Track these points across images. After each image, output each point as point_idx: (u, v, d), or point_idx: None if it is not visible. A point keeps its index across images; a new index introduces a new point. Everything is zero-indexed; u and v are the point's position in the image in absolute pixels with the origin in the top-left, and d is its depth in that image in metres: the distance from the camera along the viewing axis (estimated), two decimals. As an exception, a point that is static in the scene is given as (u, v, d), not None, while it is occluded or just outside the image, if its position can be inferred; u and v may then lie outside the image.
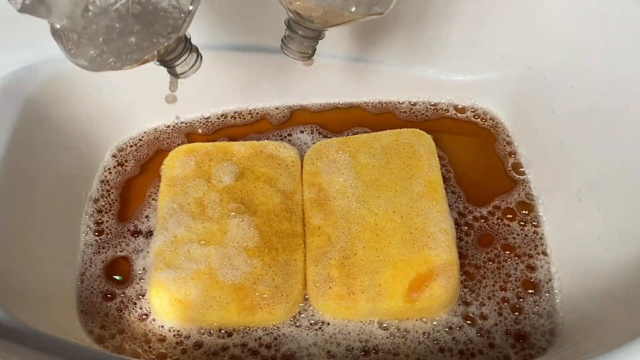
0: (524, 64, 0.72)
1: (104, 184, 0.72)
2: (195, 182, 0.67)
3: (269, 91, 0.78)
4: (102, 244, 0.67)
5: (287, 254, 0.63)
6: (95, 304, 0.63)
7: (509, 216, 0.68)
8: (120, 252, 0.67)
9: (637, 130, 0.58)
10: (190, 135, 0.77)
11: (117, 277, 0.65)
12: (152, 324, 0.62)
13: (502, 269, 0.64)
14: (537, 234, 0.66)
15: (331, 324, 0.61)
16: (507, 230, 0.67)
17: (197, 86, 0.76)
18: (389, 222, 0.63)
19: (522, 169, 0.72)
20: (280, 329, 0.61)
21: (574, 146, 0.66)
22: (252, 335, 0.60)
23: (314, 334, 0.60)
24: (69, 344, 0.49)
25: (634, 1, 0.60)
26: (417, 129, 0.71)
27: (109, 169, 0.74)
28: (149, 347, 0.60)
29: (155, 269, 0.62)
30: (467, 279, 0.64)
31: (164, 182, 0.68)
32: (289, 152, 0.70)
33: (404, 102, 0.79)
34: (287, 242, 0.64)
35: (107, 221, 0.69)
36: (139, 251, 0.67)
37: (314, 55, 0.61)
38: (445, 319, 0.61)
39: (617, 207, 0.59)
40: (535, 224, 0.67)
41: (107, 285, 0.65)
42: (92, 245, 0.67)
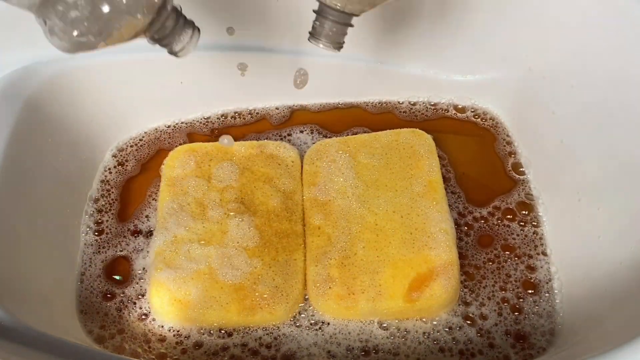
0: (524, 64, 0.72)
1: (104, 183, 0.72)
2: (195, 182, 0.67)
3: (269, 91, 0.78)
4: (102, 244, 0.67)
5: (287, 254, 0.63)
6: (95, 304, 0.63)
7: (509, 216, 0.68)
8: (120, 252, 0.67)
9: (637, 130, 0.58)
10: (190, 135, 0.77)
11: (117, 277, 0.65)
12: (152, 323, 0.62)
13: (502, 269, 0.64)
14: (537, 234, 0.66)
15: (331, 324, 0.61)
16: (507, 230, 0.67)
17: (197, 86, 0.77)
18: (389, 222, 0.63)
19: (522, 169, 0.72)
20: (280, 329, 0.61)
21: (574, 146, 0.66)
22: (252, 335, 0.60)
23: (314, 334, 0.60)
24: (69, 344, 0.49)
25: (634, 1, 0.60)
26: (417, 129, 0.71)
27: (109, 169, 0.74)
28: (149, 347, 0.60)
29: (155, 269, 0.62)
30: (467, 279, 0.64)
31: (164, 182, 0.68)
32: (289, 152, 0.70)
33: (404, 102, 0.79)
34: (287, 242, 0.64)
35: (107, 221, 0.69)
36: (139, 251, 0.67)
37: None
38: (445, 319, 0.61)
39: (616, 207, 0.59)
40: (535, 224, 0.67)
41: (107, 285, 0.65)
42: (92, 245, 0.67)
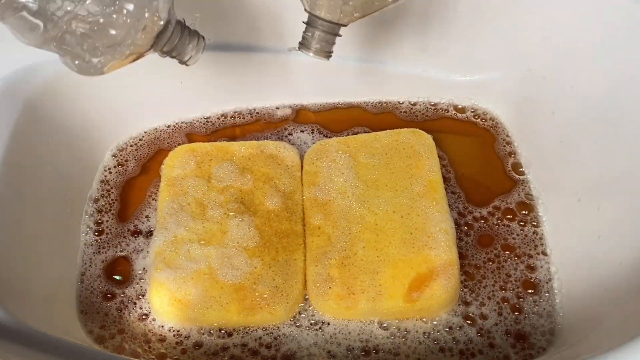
0: (524, 65, 0.72)
1: (104, 184, 0.72)
2: (195, 182, 0.67)
3: (269, 91, 0.78)
4: (102, 244, 0.67)
5: (287, 254, 0.63)
6: (95, 304, 0.63)
7: (509, 216, 0.68)
8: (120, 252, 0.67)
9: (637, 130, 0.58)
10: (190, 135, 0.77)
11: (117, 277, 0.65)
12: (152, 324, 0.62)
13: (502, 269, 0.64)
14: (537, 234, 0.66)
15: (331, 324, 0.61)
16: (507, 230, 0.67)
17: (197, 86, 0.77)
18: (389, 222, 0.63)
19: (522, 169, 0.72)
20: (280, 329, 0.61)
21: (574, 146, 0.66)
22: (252, 335, 0.60)
23: (314, 334, 0.60)
24: (69, 344, 0.49)
25: (633, 1, 0.60)
26: (417, 129, 0.71)
27: (109, 169, 0.74)
28: (149, 347, 0.60)
29: (155, 269, 0.62)
30: (467, 279, 0.64)
31: (164, 182, 0.68)
32: (289, 152, 0.70)
33: (404, 102, 0.79)
34: (287, 242, 0.64)
35: (107, 221, 0.69)
36: (139, 251, 0.67)
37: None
38: (445, 319, 0.61)
39: (616, 207, 0.59)
40: (535, 224, 0.67)
41: (107, 285, 0.65)
42: (92, 245, 0.67)
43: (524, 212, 0.68)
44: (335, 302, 0.60)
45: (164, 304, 0.60)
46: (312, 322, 0.61)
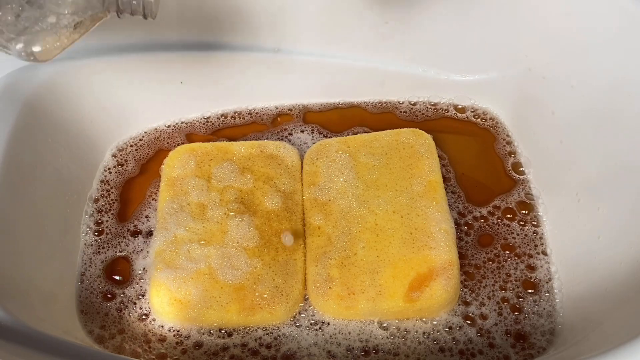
0: (524, 65, 0.72)
1: (104, 184, 0.72)
2: (195, 182, 0.67)
3: (269, 91, 0.78)
4: (102, 244, 0.67)
5: (287, 254, 0.63)
6: (95, 304, 0.63)
7: (509, 216, 0.68)
8: (120, 252, 0.67)
9: (637, 130, 0.58)
10: (190, 135, 0.77)
11: (117, 277, 0.65)
12: (152, 324, 0.62)
13: (502, 269, 0.64)
14: (537, 234, 0.66)
15: (331, 324, 0.61)
16: (507, 230, 0.67)
17: (197, 86, 0.77)
18: (389, 222, 0.63)
19: (522, 169, 0.72)
20: (280, 329, 0.61)
21: (574, 146, 0.66)
22: (252, 335, 0.60)
23: (314, 334, 0.60)
24: (69, 344, 0.49)
25: (634, 1, 0.60)
26: (417, 129, 0.71)
27: (109, 169, 0.74)
28: (149, 347, 0.60)
29: (155, 269, 0.62)
30: (467, 279, 0.64)
31: (164, 182, 0.68)
32: (289, 152, 0.70)
33: (404, 102, 0.79)
34: (287, 242, 0.64)
35: (107, 221, 0.69)
36: (139, 251, 0.67)
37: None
38: (445, 319, 0.61)
39: (616, 207, 0.59)
40: (535, 223, 0.67)
41: (107, 285, 0.65)
42: (92, 245, 0.67)
43: (524, 211, 0.68)
44: (335, 302, 0.60)
45: (164, 304, 0.60)
46: (312, 322, 0.61)
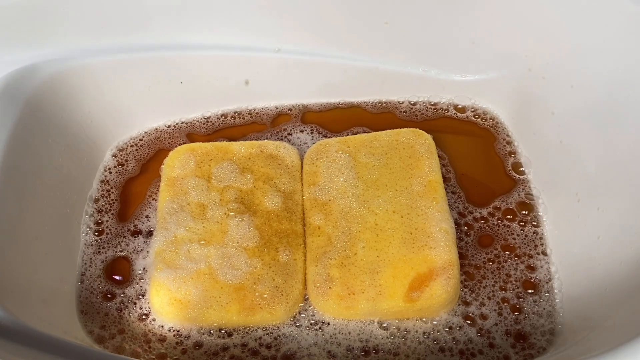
0: (524, 65, 0.72)
1: (104, 184, 0.72)
2: (195, 182, 0.67)
3: (269, 91, 0.78)
4: (102, 244, 0.67)
5: (287, 254, 0.63)
6: (95, 304, 0.63)
7: (509, 216, 0.68)
8: (120, 252, 0.67)
9: (636, 130, 0.58)
10: (190, 135, 0.77)
11: (117, 277, 0.65)
12: (152, 324, 0.62)
13: (502, 269, 0.64)
14: (537, 234, 0.66)
15: (331, 324, 0.61)
16: (507, 230, 0.67)
17: (197, 86, 0.77)
18: (389, 222, 0.63)
19: (522, 169, 0.72)
20: (280, 329, 0.61)
21: (574, 146, 0.66)
22: (252, 335, 0.60)
23: (314, 334, 0.60)
24: (69, 344, 0.49)
25: (633, 1, 0.60)
26: (417, 129, 0.71)
27: (109, 169, 0.74)
28: (149, 347, 0.60)
29: (155, 269, 0.62)
30: (467, 279, 0.64)
31: (164, 182, 0.68)
32: (289, 152, 0.70)
33: (404, 102, 0.79)
34: (287, 242, 0.64)
35: (107, 221, 0.69)
36: (139, 251, 0.67)
37: None
38: (445, 318, 0.61)
39: (616, 207, 0.59)
40: (535, 224, 0.67)
41: (107, 285, 0.65)
42: (92, 245, 0.67)
43: (524, 212, 0.68)
44: (335, 302, 0.60)
45: (164, 304, 0.60)
46: (312, 322, 0.61)
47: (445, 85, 0.78)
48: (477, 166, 0.73)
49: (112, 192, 0.72)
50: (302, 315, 0.61)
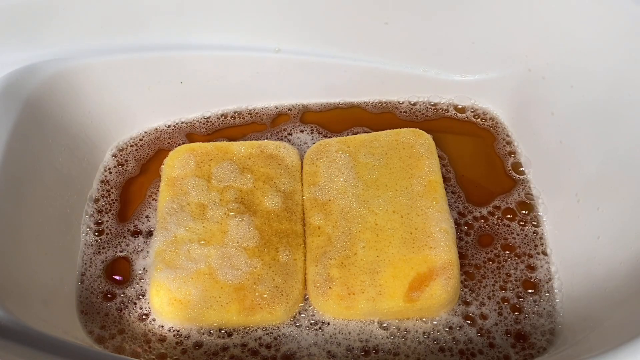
0: (524, 65, 0.72)
1: (104, 184, 0.72)
2: (195, 182, 0.67)
3: (269, 91, 0.78)
4: (102, 244, 0.67)
5: (287, 254, 0.63)
6: (95, 304, 0.63)
7: (509, 216, 0.68)
8: (120, 252, 0.67)
9: (636, 130, 0.58)
10: (190, 135, 0.77)
11: (117, 277, 0.65)
12: (152, 324, 0.62)
13: (502, 269, 0.64)
14: (537, 234, 0.66)
15: (331, 324, 0.61)
16: (507, 230, 0.67)
17: (197, 86, 0.77)
18: (389, 222, 0.63)
19: (522, 169, 0.72)
20: (280, 329, 0.61)
21: (573, 146, 0.66)
22: (252, 335, 0.60)
23: (314, 334, 0.60)
24: (69, 344, 0.49)
25: (634, 1, 0.60)
26: (417, 129, 0.71)
27: (109, 169, 0.74)
28: (149, 347, 0.60)
29: (155, 269, 0.62)
30: (467, 278, 0.64)
31: (164, 182, 0.68)
32: (289, 152, 0.70)
33: (404, 102, 0.79)
34: (287, 242, 0.64)
35: (107, 221, 0.69)
36: (139, 251, 0.67)
37: None
38: (445, 318, 0.61)
39: (616, 207, 0.59)
40: (535, 223, 0.67)
41: (107, 285, 0.65)
42: (92, 245, 0.67)
43: (524, 211, 0.68)
44: (335, 302, 0.60)
45: (164, 304, 0.60)
46: (312, 322, 0.61)
47: (445, 85, 0.78)
48: (477, 166, 0.73)
49: (112, 192, 0.72)
50: (302, 315, 0.61)
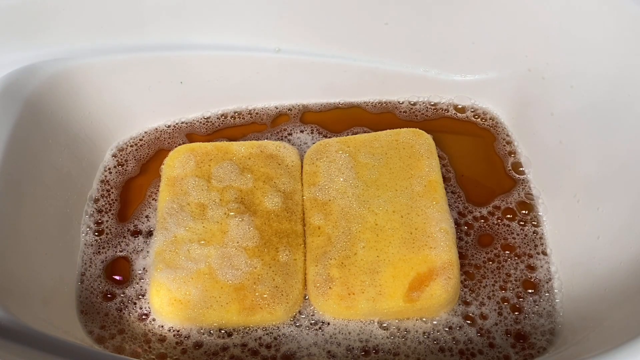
0: (524, 65, 0.72)
1: (104, 184, 0.72)
2: (195, 182, 0.67)
3: (269, 91, 0.78)
4: (102, 244, 0.67)
5: (287, 254, 0.63)
6: (95, 304, 0.63)
7: (509, 216, 0.68)
8: (120, 252, 0.67)
9: (636, 130, 0.58)
10: (190, 135, 0.77)
11: (117, 277, 0.65)
12: (152, 324, 0.62)
13: (502, 269, 0.64)
14: (537, 234, 0.66)
15: (331, 324, 0.61)
16: (507, 230, 0.67)
17: (197, 86, 0.77)
18: (389, 222, 0.63)
19: (522, 169, 0.72)
20: (280, 329, 0.61)
21: (573, 146, 0.66)
22: (252, 335, 0.60)
23: (314, 334, 0.60)
24: (69, 344, 0.49)
25: (634, 1, 0.60)
26: (417, 129, 0.71)
27: (109, 169, 0.74)
28: (149, 347, 0.60)
29: (155, 269, 0.62)
30: (467, 278, 0.64)
31: (164, 182, 0.68)
32: (289, 152, 0.70)
33: (404, 102, 0.79)
34: (287, 242, 0.64)
35: (107, 221, 0.69)
36: (139, 251, 0.67)
37: None
38: (445, 318, 0.61)
39: (616, 207, 0.59)
40: (535, 223, 0.67)
41: (107, 285, 0.65)
42: (92, 245, 0.67)
43: (524, 211, 0.68)
44: (335, 302, 0.60)
45: (164, 304, 0.60)
46: (312, 322, 0.61)
47: (445, 85, 0.78)
48: (477, 166, 0.73)
49: (112, 192, 0.72)
50: (302, 315, 0.61)
